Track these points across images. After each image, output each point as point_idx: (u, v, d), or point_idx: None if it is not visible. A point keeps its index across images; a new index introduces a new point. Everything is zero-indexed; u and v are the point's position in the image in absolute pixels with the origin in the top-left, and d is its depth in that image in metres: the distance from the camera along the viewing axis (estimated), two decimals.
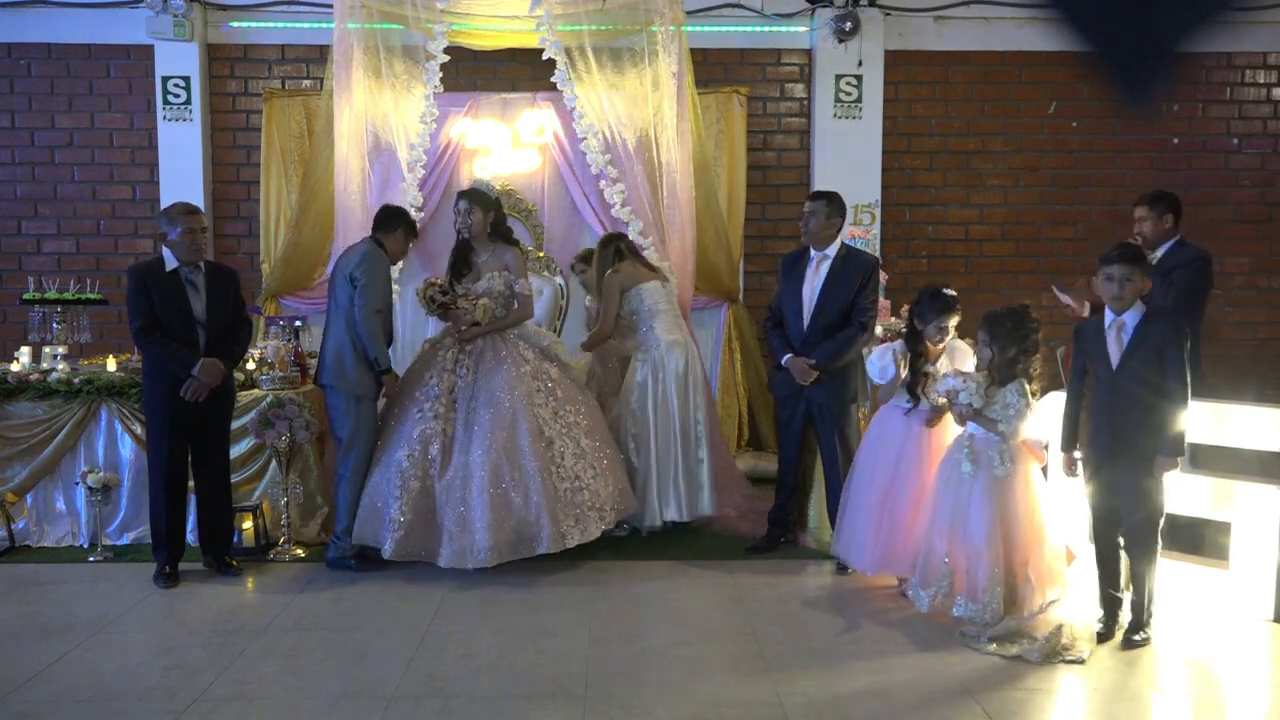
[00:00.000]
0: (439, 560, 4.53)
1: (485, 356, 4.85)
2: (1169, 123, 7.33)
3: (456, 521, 4.52)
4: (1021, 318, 4.08)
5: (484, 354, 4.86)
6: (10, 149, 7.16)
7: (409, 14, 5.81)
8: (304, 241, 6.49)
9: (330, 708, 3.32)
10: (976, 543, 3.97)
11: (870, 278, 4.86)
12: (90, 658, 3.74)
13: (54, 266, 7.08)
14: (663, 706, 3.31)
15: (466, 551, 4.48)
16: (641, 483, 5.16)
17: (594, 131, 6.06)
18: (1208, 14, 1.38)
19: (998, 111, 7.36)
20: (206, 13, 7.02)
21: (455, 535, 4.51)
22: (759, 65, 7.29)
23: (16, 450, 5.13)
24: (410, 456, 4.61)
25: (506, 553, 4.52)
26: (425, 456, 4.63)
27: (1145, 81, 1.40)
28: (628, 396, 5.27)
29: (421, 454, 4.63)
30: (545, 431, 4.72)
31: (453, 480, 4.58)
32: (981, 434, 4.06)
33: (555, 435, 4.73)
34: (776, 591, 4.46)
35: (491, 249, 5.01)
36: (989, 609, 3.90)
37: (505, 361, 4.82)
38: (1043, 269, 7.39)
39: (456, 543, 4.50)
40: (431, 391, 4.77)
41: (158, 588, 4.51)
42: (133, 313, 4.48)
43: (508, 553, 4.52)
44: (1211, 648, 3.83)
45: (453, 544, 4.50)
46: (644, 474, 5.18)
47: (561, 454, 4.71)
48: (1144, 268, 3.82)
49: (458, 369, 4.83)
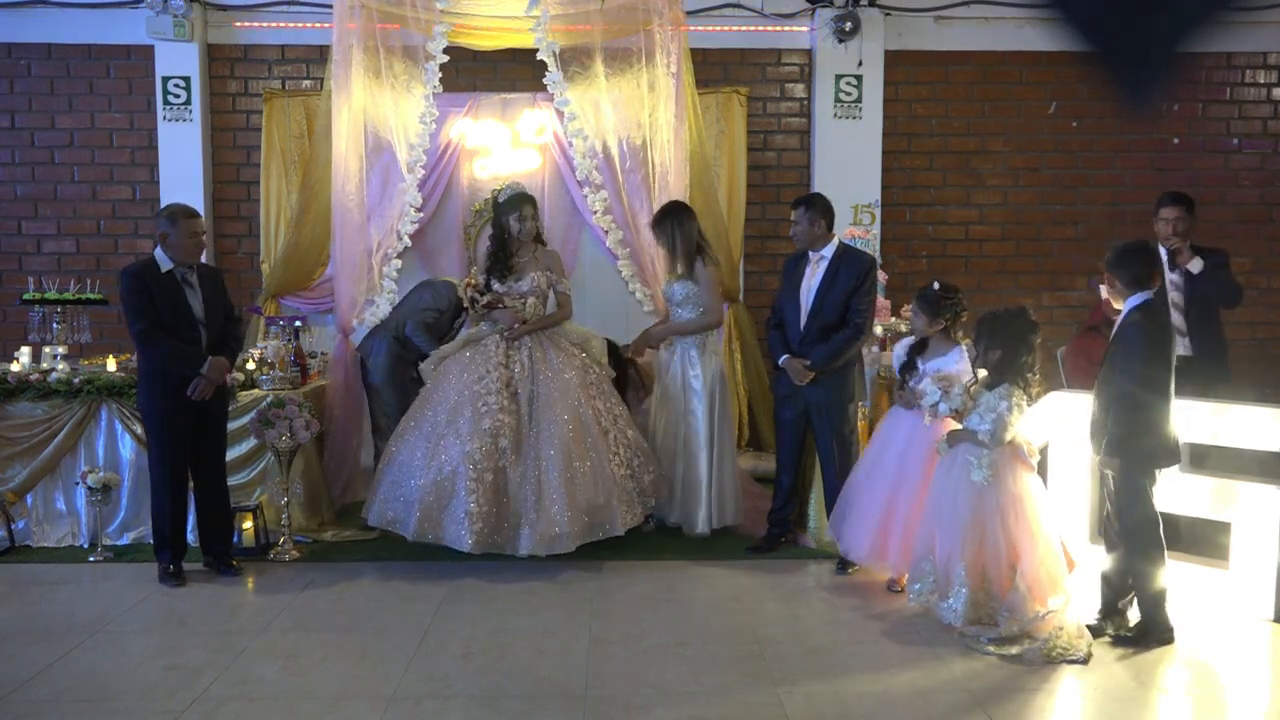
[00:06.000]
0: (519, 549, 4.61)
1: (538, 352, 4.99)
2: (1169, 123, 7.33)
3: (535, 509, 4.62)
4: (1012, 319, 4.01)
5: (536, 349, 4.99)
6: (10, 149, 7.16)
7: (408, 14, 5.80)
8: (304, 242, 6.49)
9: (330, 707, 3.32)
10: (949, 545, 3.97)
11: (866, 278, 4.84)
12: (90, 658, 3.74)
13: (54, 267, 7.07)
14: (663, 707, 3.31)
15: (547, 537, 4.58)
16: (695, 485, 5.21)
17: (582, 135, 6.08)
18: (1206, 14, 1.38)
19: (998, 111, 7.36)
20: (206, 13, 7.02)
21: (535, 523, 4.61)
22: (759, 65, 7.29)
23: (17, 450, 5.13)
24: (482, 449, 4.67)
25: (582, 536, 4.66)
26: (496, 448, 4.70)
27: (1145, 81, 1.40)
28: (706, 400, 5.21)
29: (492, 446, 4.70)
30: (601, 422, 4.89)
31: (528, 470, 4.69)
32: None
33: (609, 425, 4.92)
34: (777, 591, 4.46)
35: (532, 250, 5.18)
36: (955, 611, 3.90)
37: (559, 356, 4.99)
38: (1043, 269, 7.41)
39: (536, 530, 4.60)
40: (491, 385, 4.83)
41: (166, 587, 4.51)
42: (134, 314, 4.47)
43: (583, 536, 4.67)
44: (1212, 648, 3.83)
45: (533, 531, 4.60)
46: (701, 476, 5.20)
47: (616, 443, 4.89)
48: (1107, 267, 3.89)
49: (512, 364, 4.92)
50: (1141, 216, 7.17)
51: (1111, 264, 3.86)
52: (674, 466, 5.21)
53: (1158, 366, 3.72)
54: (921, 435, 4.38)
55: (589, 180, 6.13)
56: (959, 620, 3.89)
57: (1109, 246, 3.95)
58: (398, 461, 4.82)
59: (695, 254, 5.23)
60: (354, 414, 5.77)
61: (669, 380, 5.27)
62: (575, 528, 4.63)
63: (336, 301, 5.85)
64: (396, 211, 6.09)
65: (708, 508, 5.17)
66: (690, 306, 5.23)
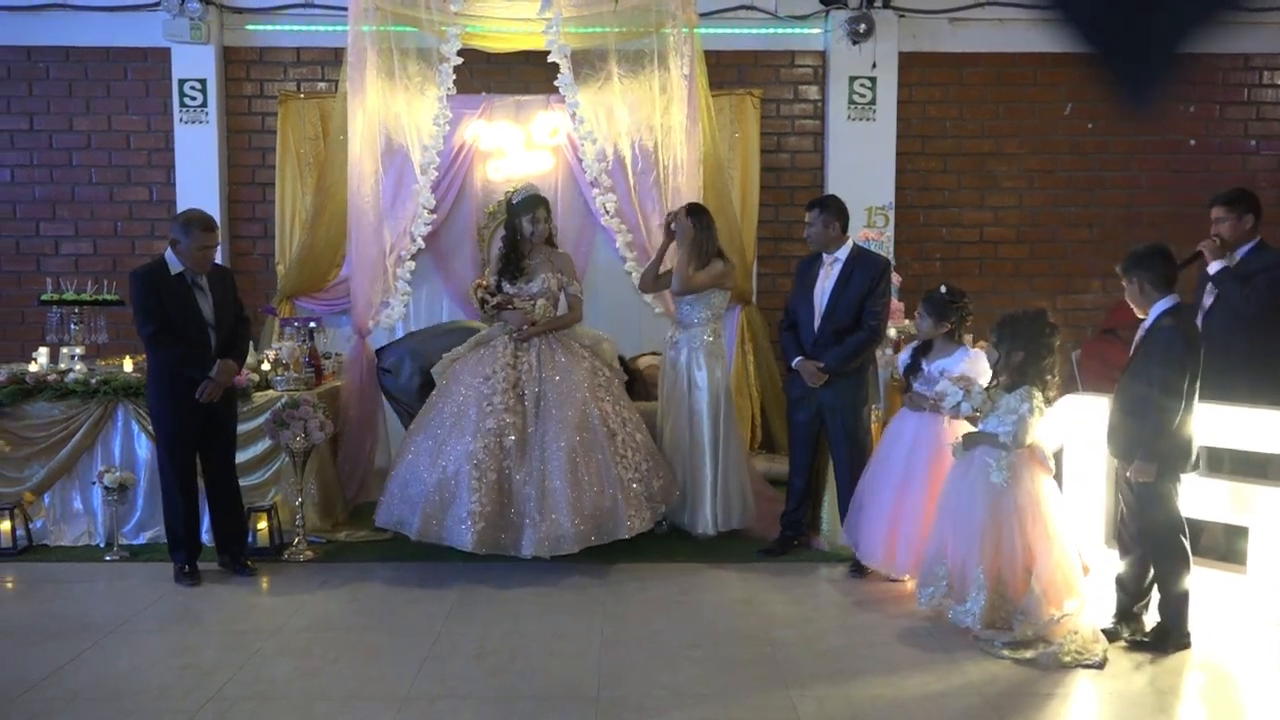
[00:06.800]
0: (521, 550, 4.59)
1: (546, 353, 4.98)
2: (1186, 124, 7.28)
3: (538, 510, 4.61)
4: (1031, 321, 4.01)
5: (544, 350, 4.99)
6: (29, 151, 7.22)
7: (423, 16, 5.83)
8: (318, 243, 6.52)
9: (343, 707, 3.33)
10: (965, 547, 3.95)
11: (880, 280, 4.83)
12: (106, 656, 3.76)
13: (72, 268, 7.12)
14: (675, 709, 3.31)
15: (550, 539, 4.56)
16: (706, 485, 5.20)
17: (593, 138, 6.09)
18: (1207, 14, 1.37)
19: (1012, 113, 7.32)
20: (222, 15, 7.07)
21: (538, 524, 4.59)
22: (773, 67, 7.28)
23: (34, 450, 5.18)
24: (486, 449, 4.67)
25: (586, 538, 4.63)
26: (500, 448, 4.69)
27: (1145, 82, 1.39)
28: (710, 401, 5.20)
29: (496, 446, 4.69)
30: (609, 424, 4.86)
31: (532, 471, 4.68)
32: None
33: (617, 428, 4.89)
34: (789, 594, 4.45)
35: (545, 253, 5.18)
36: (972, 614, 3.88)
37: (567, 357, 4.98)
38: (1057, 271, 7.37)
39: (539, 531, 4.58)
40: (497, 385, 4.83)
41: (181, 587, 4.53)
42: (143, 317, 4.48)
43: (587, 538, 4.63)
44: (1229, 652, 3.80)
45: (536, 532, 4.58)
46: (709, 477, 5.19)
47: (625, 445, 4.86)
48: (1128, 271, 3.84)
49: (519, 365, 4.91)
50: (1157, 219, 7.18)
51: (1133, 267, 3.83)
52: (681, 468, 5.20)
53: (1186, 371, 3.70)
54: (927, 436, 4.38)
55: (599, 182, 6.14)
56: (975, 624, 3.87)
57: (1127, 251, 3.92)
58: (405, 462, 4.83)
59: (716, 256, 5.24)
60: (368, 415, 5.79)
61: (676, 382, 5.27)
62: (579, 529, 4.60)
63: (353, 303, 5.87)
64: (410, 213, 6.13)
65: (712, 510, 5.16)
66: (701, 305, 5.22)
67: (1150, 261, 3.81)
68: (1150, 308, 3.81)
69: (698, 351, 5.21)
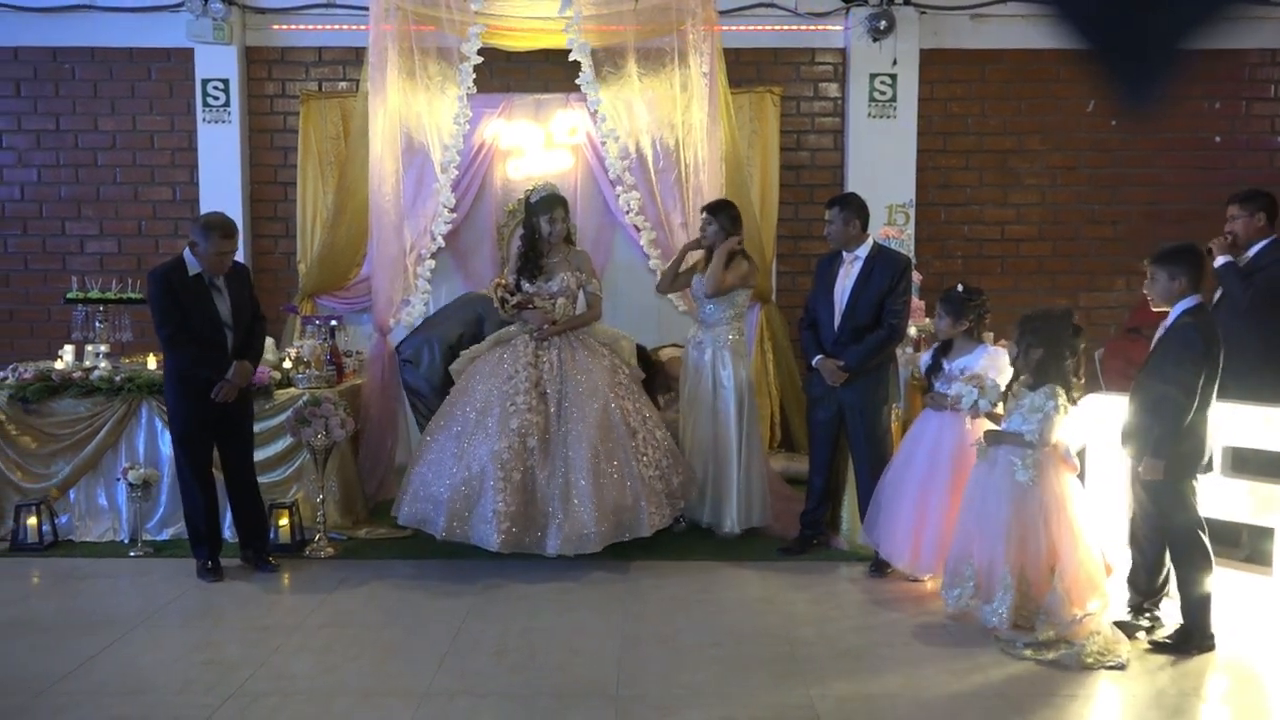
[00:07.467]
0: (546, 549, 4.61)
1: (566, 352, 4.99)
2: (1211, 120, 7.20)
3: (563, 509, 4.63)
4: (1055, 320, 3.99)
5: (565, 349, 5.00)
6: (55, 151, 7.30)
7: (443, 16, 5.85)
8: (339, 242, 6.55)
9: (363, 703, 3.35)
10: (991, 547, 3.93)
11: (901, 278, 4.81)
12: (129, 651, 3.80)
13: (97, 266, 7.19)
14: (695, 707, 3.30)
15: (575, 537, 4.59)
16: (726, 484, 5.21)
17: (614, 136, 6.09)
18: (1208, 11, 1.36)
19: (1035, 110, 7.26)
20: (245, 16, 7.11)
21: (562, 522, 4.61)
22: (793, 65, 7.26)
23: (60, 446, 5.24)
24: (510, 448, 4.69)
25: (609, 537, 4.66)
26: (524, 448, 4.72)
27: (1145, 79, 1.38)
28: (736, 400, 5.20)
29: (520, 445, 4.71)
30: (630, 422, 4.88)
31: (556, 470, 4.70)
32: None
33: (638, 425, 4.91)
34: (809, 593, 4.44)
35: (564, 252, 5.19)
36: (999, 614, 3.85)
37: (588, 356, 5.00)
38: (1080, 269, 7.30)
39: (564, 530, 4.60)
40: (520, 385, 4.85)
41: (204, 583, 4.57)
42: (161, 318, 4.51)
43: (610, 537, 4.66)
44: (1253, 655, 3.76)
45: (560, 532, 4.60)
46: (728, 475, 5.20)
47: (645, 443, 4.87)
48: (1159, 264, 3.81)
49: (540, 364, 4.93)
50: (1182, 216, 7.09)
51: (1165, 263, 3.79)
52: (704, 467, 5.20)
53: (1202, 370, 3.66)
54: (950, 435, 4.36)
55: (621, 180, 6.15)
56: (1003, 624, 3.84)
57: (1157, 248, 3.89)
58: (427, 461, 4.85)
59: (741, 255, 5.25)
60: (389, 413, 5.82)
61: (699, 380, 5.26)
62: (602, 528, 4.62)
63: (374, 301, 5.90)
64: (430, 212, 6.15)
65: (738, 508, 5.16)
66: (725, 304, 5.21)
67: (1183, 258, 3.78)
68: (1174, 305, 3.78)
69: (722, 350, 5.21)
